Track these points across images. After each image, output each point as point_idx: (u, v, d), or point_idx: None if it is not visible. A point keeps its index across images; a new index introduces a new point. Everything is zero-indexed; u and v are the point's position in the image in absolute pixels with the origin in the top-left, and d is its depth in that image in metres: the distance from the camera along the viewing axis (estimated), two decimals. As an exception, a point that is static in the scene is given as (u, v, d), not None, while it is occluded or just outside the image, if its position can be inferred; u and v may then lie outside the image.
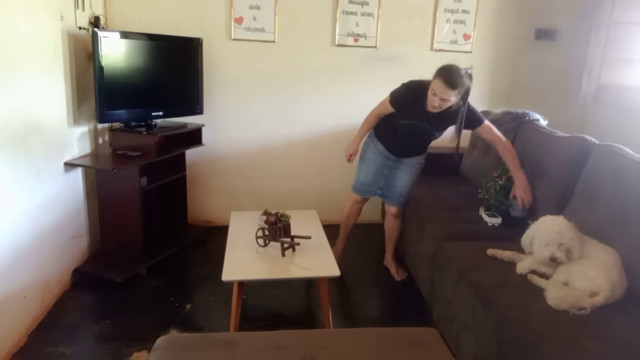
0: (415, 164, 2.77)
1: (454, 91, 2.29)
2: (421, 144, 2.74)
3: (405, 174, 2.76)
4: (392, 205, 2.85)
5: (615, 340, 1.50)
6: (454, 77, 2.27)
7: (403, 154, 2.73)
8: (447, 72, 2.29)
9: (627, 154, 2.02)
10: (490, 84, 3.80)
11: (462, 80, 2.29)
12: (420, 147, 2.75)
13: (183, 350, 1.46)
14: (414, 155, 2.75)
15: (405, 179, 2.77)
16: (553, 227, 1.89)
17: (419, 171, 2.81)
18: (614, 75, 3.44)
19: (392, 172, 2.77)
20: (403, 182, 2.77)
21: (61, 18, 2.59)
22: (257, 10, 3.36)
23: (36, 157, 2.38)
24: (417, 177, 2.81)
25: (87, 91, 2.85)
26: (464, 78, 2.30)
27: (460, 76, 2.29)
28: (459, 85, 2.29)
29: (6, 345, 2.09)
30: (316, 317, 2.56)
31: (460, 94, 2.34)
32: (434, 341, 1.55)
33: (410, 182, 2.79)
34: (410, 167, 2.76)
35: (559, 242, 1.85)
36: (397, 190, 2.79)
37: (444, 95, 2.30)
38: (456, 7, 3.59)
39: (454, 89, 2.28)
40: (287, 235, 2.36)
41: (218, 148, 3.58)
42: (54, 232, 2.56)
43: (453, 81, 2.27)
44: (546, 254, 1.86)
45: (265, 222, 2.39)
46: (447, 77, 2.27)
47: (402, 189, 2.79)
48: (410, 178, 2.78)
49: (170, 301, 2.62)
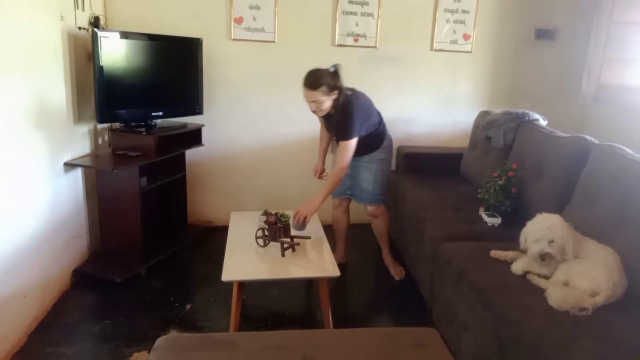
0: (373, 160, 2.74)
1: (315, 91, 2.39)
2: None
3: (365, 171, 2.75)
4: (364, 203, 2.84)
5: (615, 340, 1.50)
6: (310, 79, 2.40)
7: (357, 152, 2.62)
8: (305, 77, 2.42)
9: (627, 154, 2.02)
10: (490, 84, 3.81)
11: (320, 80, 2.39)
12: (359, 145, 2.59)
13: (183, 351, 1.46)
14: (364, 154, 2.71)
15: (367, 176, 2.75)
16: (544, 223, 1.90)
17: (383, 166, 2.77)
18: (613, 75, 3.44)
19: (354, 172, 2.79)
20: (365, 179, 2.76)
21: (61, 18, 2.59)
22: (257, 10, 3.36)
23: (36, 157, 2.38)
24: (382, 173, 2.77)
25: (87, 91, 2.85)
26: (321, 77, 2.39)
27: (316, 76, 2.40)
28: (317, 85, 2.38)
29: (6, 345, 2.09)
30: (316, 317, 2.56)
31: (325, 93, 2.41)
32: (434, 341, 1.55)
33: (373, 179, 2.75)
34: (369, 164, 2.74)
35: (549, 238, 1.85)
36: (363, 187, 2.78)
37: (309, 97, 2.43)
38: (456, 7, 3.59)
39: (313, 89, 2.39)
40: (287, 235, 2.36)
41: (218, 148, 3.58)
42: (54, 232, 2.56)
43: (309, 82, 2.40)
44: (536, 250, 1.87)
45: (265, 222, 2.39)
46: (305, 81, 2.41)
47: (367, 186, 2.77)
48: (373, 175, 2.74)
49: (170, 301, 2.62)
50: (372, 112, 2.67)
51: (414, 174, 3.45)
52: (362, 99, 2.60)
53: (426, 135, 3.83)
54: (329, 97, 2.45)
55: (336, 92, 2.46)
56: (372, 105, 2.69)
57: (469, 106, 3.81)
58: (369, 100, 2.67)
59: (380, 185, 2.78)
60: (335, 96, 2.47)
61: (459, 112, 3.82)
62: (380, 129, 2.73)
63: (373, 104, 2.71)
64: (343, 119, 2.50)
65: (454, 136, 3.86)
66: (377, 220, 2.89)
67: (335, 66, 2.46)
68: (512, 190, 2.56)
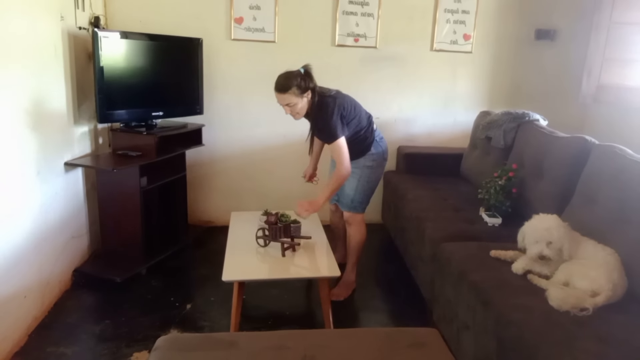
0: (359, 166, 2.59)
1: (285, 94, 2.35)
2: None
3: (349, 178, 2.56)
4: (342, 209, 2.73)
5: (615, 340, 1.50)
6: (279, 82, 2.36)
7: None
8: (275, 81, 2.37)
9: (627, 154, 2.03)
10: (491, 84, 3.81)
11: (289, 82, 2.34)
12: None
13: (183, 351, 1.46)
14: (350, 159, 2.51)
15: (351, 180, 2.59)
16: (542, 224, 1.91)
17: (369, 175, 2.62)
18: (614, 75, 3.44)
19: None
20: (348, 184, 2.62)
21: (61, 18, 2.59)
22: (257, 10, 3.36)
23: (36, 157, 2.38)
24: (367, 181, 2.63)
25: (87, 91, 2.85)
26: (290, 79, 2.34)
27: (285, 79, 2.35)
28: (287, 87, 2.34)
29: (6, 345, 2.09)
30: (316, 317, 2.56)
31: (297, 94, 2.36)
32: (434, 341, 1.55)
33: (356, 185, 2.61)
34: (355, 169, 2.56)
35: (547, 239, 1.86)
36: (345, 193, 2.66)
37: (281, 101, 2.39)
38: (456, 8, 3.59)
39: (283, 92, 2.35)
40: (287, 235, 2.36)
41: (218, 148, 3.58)
42: (55, 232, 2.56)
43: (279, 86, 2.36)
44: (535, 252, 1.88)
45: (266, 222, 2.39)
46: (275, 85, 2.37)
47: (349, 192, 2.63)
48: (356, 180, 2.61)
49: (171, 301, 2.62)
50: (358, 113, 2.54)
51: (414, 174, 3.45)
52: (343, 99, 2.48)
53: (426, 135, 3.83)
54: (301, 99, 2.38)
55: (308, 92, 2.39)
56: (358, 107, 2.57)
57: (469, 106, 3.81)
58: (354, 102, 2.56)
59: (362, 193, 2.63)
60: (308, 97, 2.40)
61: (459, 112, 3.83)
62: (367, 135, 2.58)
63: (362, 108, 2.59)
64: (321, 118, 2.42)
65: (454, 136, 3.86)
66: (351, 228, 2.70)
67: (305, 67, 2.40)
68: (513, 191, 2.56)
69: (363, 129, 2.56)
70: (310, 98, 2.41)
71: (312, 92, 2.41)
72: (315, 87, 2.43)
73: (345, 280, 2.75)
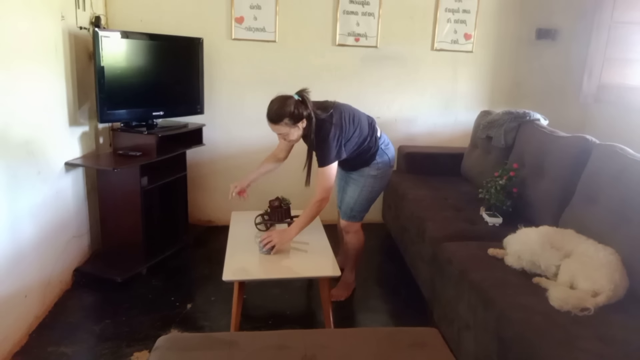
0: (363, 175, 2.54)
1: (278, 125, 2.22)
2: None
3: (352, 186, 2.57)
4: (341, 216, 2.71)
5: (615, 340, 1.50)
6: (270, 111, 2.22)
7: (345, 167, 2.61)
8: (268, 107, 2.23)
9: (628, 154, 2.02)
10: (491, 83, 3.80)
11: (282, 112, 2.19)
12: (348, 162, 2.53)
13: (184, 350, 1.47)
14: (355, 169, 2.55)
15: (352, 190, 2.56)
16: (520, 239, 2.02)
17: (373, 184, 2.55)
18: (615, 75, 3.43)
19: (345, 185, 2.65)
20: (350, 192, 2.59)
21: (62, 18, 2.59)
22: (257, 10, 3.36)
23: (37, 157, 2.38)
24: (370, 191, 2.56)
25: (88, 91, 2.85)
26: (283, 108, 2.18)
27: (278, 108, 2.19)
28: (280, 118, 2.20)
29: (7, 344, 2.10)
30: (316, 317, 2.56)
31: (290, 125, 2.22)
32: (434, 341, 1.55)
33: (357, 195, 2.55)
34: (359, 178, 2.54)
35: (521, 254, 1.97)
36: (346, 201, 2.60)
37: (274, 130, 2.27)
38: (457, 7, 3.59)
39: (275, 122, 2.22)
40: (289, 217, 2.53)
41: (219, 148, 3.58)
42: (55, 232, 2.56)
43: (270, 115, 2.22)
44: (510, 264, 2.00)
45: (269, 207, 2.55)
46: (267, 112, 2.23)
47: (349, 200, 2.58)
48: (359, 189, 2.54)
49: (171, 301, 2.62)
50: (358, 124, 2.41)
51: (414, 174, 3.45)
52: (341, 119, 2.33)
53: (427, 134, 3.83)
54: (296, 128, 2.24)
55: (303, 121, 2.23)
56: (357, 117, 2.44)
57: (469, 106, 3.80)
58: (352, 112, 2.42)
59: (363, 203, 2.57)
60: (303, 125, 2.25)
61: (460, 112, 3.82)
62: (370, 145, 2.48)
63: (362, 115, 2.48)
64: (318, 143, 2.30)
65: (455, 136, 3.86)
66: (348, 236, 2.66)
67: (301, 93, 2.23)
68: (513, 190, 2.56)
69: (366, 139, 2.46)
70: (305, 126, 2.27)
71: (308, 120, 2.25)
72: (311, 115, 2.24)
73: (344, 281, 2.75)
